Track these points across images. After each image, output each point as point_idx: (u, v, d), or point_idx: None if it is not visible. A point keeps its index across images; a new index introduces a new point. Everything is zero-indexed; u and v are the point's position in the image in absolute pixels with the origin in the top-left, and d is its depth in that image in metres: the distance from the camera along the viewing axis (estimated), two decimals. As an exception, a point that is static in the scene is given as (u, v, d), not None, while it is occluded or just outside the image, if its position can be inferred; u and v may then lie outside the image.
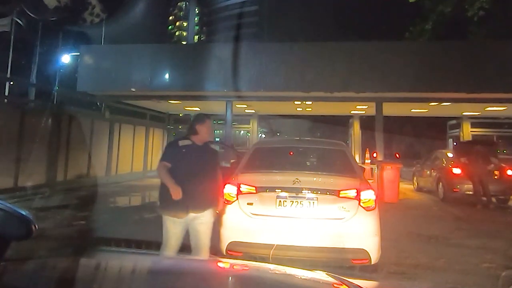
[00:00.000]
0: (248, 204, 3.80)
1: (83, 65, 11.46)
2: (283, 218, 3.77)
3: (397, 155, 17.46)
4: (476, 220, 7.49)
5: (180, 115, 19.08)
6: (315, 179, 3.98)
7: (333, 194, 3.79)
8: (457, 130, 15.62)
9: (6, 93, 10.10)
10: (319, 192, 3.79)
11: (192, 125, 3.51)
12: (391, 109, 12.16)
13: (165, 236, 3.34)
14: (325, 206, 3.76)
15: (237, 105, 12.31)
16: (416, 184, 12.38)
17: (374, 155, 14.48)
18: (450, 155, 10.90)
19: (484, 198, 9.09)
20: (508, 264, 4.47)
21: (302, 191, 3.78)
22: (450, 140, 16.56)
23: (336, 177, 4.05)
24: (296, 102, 12.32)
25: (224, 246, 3.75)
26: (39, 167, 9.08)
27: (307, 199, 3.77)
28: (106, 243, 3.17)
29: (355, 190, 3.81)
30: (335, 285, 1.37)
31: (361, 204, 3.76)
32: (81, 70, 11.35)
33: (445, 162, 10.49)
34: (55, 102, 10.93)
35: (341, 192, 3.79)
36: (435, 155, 11.49)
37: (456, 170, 9.61)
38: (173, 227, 3.33)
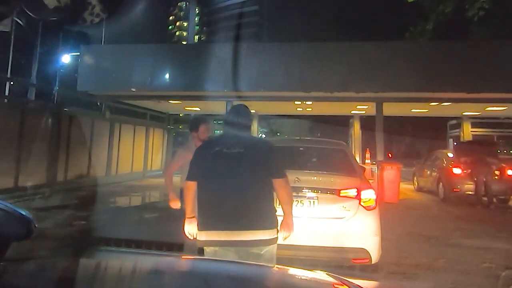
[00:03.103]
0: None
1: (83, 65, 11.47)
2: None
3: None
4: (476, 220, 7.49)
5: (180, 115, 19.08)
6: (315, 178, 3.98)
7: (333, 193, 3.79)
8: (458, 130, 15.62)
9: (6, 93, 10.10)
10: (319, 191, 3.79)
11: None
12: (391, 109, 12.15)
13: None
14: (325, 205, 3.76)
15: (237, 105, 12.30)
16: (416, 184, 12.38)
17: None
18: (450, 155, 10.90)
19: (485, 198, 9.10)
20: (508, 264, 4.47)
21: (303, 190, 3.77)
22: (451, 140, 16.57)
23: (336, 176, 4.05)
24: (296, 102, 12.32)
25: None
26: (39, 167, 9.08)
27: (307, 198, 3.77)
28: (106, 243, 3.16)
29: (356, 190, 3.81)
30: (335, 285, 1.37)
31: (362, 203, 3.76)
32: (81, 70, 11.36)
33: (445, 162, 10.49)
34: (55, 102, 10.93)
35: (341, 191, 3.79)
36: (435, 155, 11.49)
37: (457, 170, 9.62)
38: None
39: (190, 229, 2.60)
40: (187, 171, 2.60)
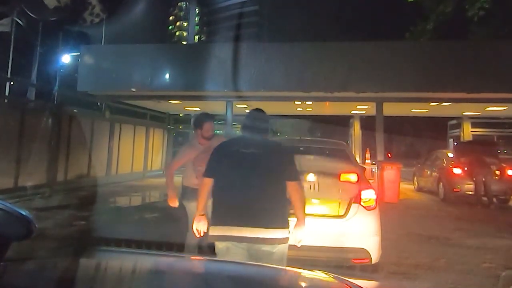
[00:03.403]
0: None
1: (83, 65, 11.47)
2: None
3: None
4: (477, 220, 7.49)
5: (180, 115, 19.08)
6: (316, 163, 4.01)
7: (334, 177, 3.82)
8: (458, 130, 15.62)
9: (6, 93, 10.11)
10: (320, 174, 3.81)
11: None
12: (391, 109, 12.15)
13: None
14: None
15: (237, 105, 12.30)
16: (416, 184, 12.37)
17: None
18: (450, 155, 10.89)
19: (485, 198, 9.10)
20: (508, 264, 4.46)
21: (303, 173, 3.77)
22: (451, 140, 16.56)
23: (337, 163, 4.08)
24: (296, 102, 12.32)
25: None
26: (39, 167, 9.07)
27: (307, 182, 3.77)
28: (106, 243, 3.15)
29: (356, 175, 3.83)
30: (335, 285, 1.37)
31: (362, 203, 3.76)
32: (82, 70, 11.35)
33: (445, 162, 10.48)
34: (55, 102, 10.93)
35: (341, 174, 3.82)
36: (435, 155, 11.49)
37: (457, 170, 9.61)
38: None
39: (199, 226, 2.64)
40: (205, 169, 2.64)
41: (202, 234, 2.63)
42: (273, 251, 2.37)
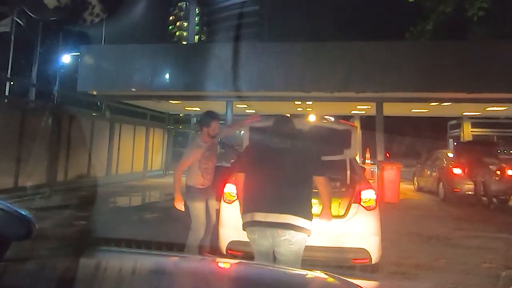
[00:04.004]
0: None
1: (83, 65, 11.46)
2: None
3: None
4: (477, 220, 7.48)
5: (180, 115, 19.08)
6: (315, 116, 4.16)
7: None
8: (458, 130, 15.62)
9: (6, 93, 10.10)
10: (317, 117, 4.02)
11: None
12: (391, 109, 12.14)
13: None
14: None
15: (237, 105, 12.30)
16: (416, 184, 12.37)
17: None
18: (450, 155, 10.89)
19: (485, 198, 9.10)
20: (508, 264, 4.46)
21: None
22: (451, 140, 16.57)
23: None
24: (296, 102, 12.31)
25: (224, 245, 3.75)
26: (39, 167, 9.07)
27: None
28: (106, 243, 3.14)
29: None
30: (335, 285, 1.37)
31: (362, 203, 3.76)
32: (82, 70, 11.35)
33: (445, 162, 10.48)
34: (55, 102, 10.92)
35: (340, 120, 4.08)
36: (435, 155, 11.49)
37: (457, 170, 9.61)
38: None
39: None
40: (237, 165, 3.09)
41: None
42: (292, 241, 2.57)
